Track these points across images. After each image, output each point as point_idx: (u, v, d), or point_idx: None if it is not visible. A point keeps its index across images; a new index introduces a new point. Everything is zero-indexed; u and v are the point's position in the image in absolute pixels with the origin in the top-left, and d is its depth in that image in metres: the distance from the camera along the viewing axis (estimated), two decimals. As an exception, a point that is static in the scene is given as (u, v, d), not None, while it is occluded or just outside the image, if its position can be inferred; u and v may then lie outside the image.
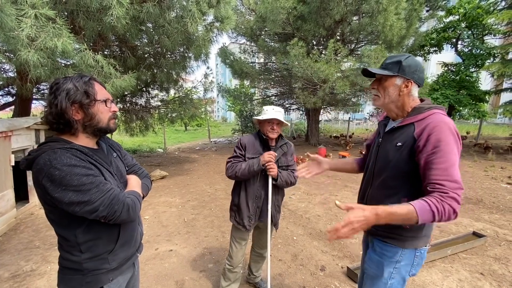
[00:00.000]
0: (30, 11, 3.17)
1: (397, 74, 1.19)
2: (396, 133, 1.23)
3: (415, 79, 1.20)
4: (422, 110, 1.18)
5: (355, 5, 8.56)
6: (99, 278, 1.09)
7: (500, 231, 3.49)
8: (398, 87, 1.21)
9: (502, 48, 9.27)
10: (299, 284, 2.52)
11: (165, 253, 3.12)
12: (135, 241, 1.25)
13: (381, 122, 1.42)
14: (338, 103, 12.39)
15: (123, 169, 1.25)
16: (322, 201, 4.84)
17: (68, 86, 1.02)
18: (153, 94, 8.47)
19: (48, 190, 0.94)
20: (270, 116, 1.92)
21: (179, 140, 18.11)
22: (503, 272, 2.63)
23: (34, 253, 3.12)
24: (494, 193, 5.06)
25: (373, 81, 1.31)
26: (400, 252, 1.23)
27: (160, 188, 6.02)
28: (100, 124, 1.09)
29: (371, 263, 1.34)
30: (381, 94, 1.26)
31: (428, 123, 1.12)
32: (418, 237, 1.22)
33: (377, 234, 1.31)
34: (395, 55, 1.24)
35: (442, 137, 1.06)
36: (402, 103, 1.23)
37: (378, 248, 1.31)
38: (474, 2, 10.86)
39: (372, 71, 1.25)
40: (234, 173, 1.93)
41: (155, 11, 4.42)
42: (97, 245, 1.08)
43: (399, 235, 1.23)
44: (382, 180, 1.27)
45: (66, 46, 3.37)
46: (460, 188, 1.02)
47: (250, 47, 12.82)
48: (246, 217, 2.02)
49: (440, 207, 0.98)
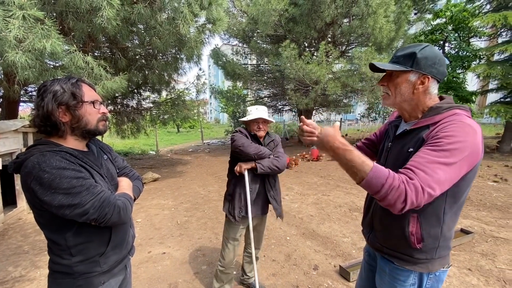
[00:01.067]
0: (18, 12, 3.11)
1: (411, 69, 1.01)
2: (408, 137, 1.05)
3: (434, 74, 1.00)
4: (440, 110, 0.99)
5: (345, 8, 8.70)
6: (90, 281, 1.08)
7: (487, 228, 3.60)
8: (412, 84, 1.02)
9: (487, 50, 9.55)
10: (292, 283, 2.54)
11: (158, 256, 3.09)
12: (127, 244, 1.24)
13: (392, 123, 1.23)
14: (330, 104, 12.52)
15: (113, 171, 1.24)
16: (314, 201, 4.88)
17: (55, 88, 1.01)
18: (145, 96, 8.41)
19: (37, 193, 0.93)
20: (254, 116, 2.00)
21: (171, 142, 17.98)
22: (490, 267, 2.71)
23: (22, 259, 3.05)
24: (481, 191, 5.20)
25: (382, 77, 1.12)
26: (412, 275, 1.07)
27: (153, 190, 5.96)
28: (89, 126, 1.08)
29: (384, 287, 1.18)
30: (392, 92, 1.07)
31: (443, 122, 0.94)
32: (432, 260, 1.04)
33: (382, 251, 1.15)
34: (408, 46, 1.04)
35: (452, 132, 0.88)
36: (417, 102, 1.04)
37: (388, 269, 1.15)
38: (460, 6, 11.19)
39: (380, 67, 1.06)
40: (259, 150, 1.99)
41: (146, 13, 4.40)
42: (88, 248, 1.07)
43: (409, 256, 1.06)
44: None
45: (55, 47, 3.32)
46: (432, 191, 0.84)
47: (242, 48, 12.86)
48: (237, 208, 2.04)
49: (395, 184, 0.84)
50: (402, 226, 1.04)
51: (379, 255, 1.21)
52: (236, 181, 2.08)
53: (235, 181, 2.07)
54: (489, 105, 9.70)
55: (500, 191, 5.13)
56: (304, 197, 5.19)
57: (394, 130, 1.18)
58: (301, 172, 7.36)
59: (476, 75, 9.49)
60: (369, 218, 1.24)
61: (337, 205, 4.62)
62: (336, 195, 5.20)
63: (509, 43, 8.27)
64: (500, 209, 4.24)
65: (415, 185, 0.83)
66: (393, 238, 1.09)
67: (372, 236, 1.22)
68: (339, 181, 6.25)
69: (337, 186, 5.89)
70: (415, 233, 1.02)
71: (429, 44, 1.06)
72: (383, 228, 1.14)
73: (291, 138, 16.52)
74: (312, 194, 5.32)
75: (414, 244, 1.02)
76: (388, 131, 1.24)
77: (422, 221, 1.01)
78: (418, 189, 0.83)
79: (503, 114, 8.49)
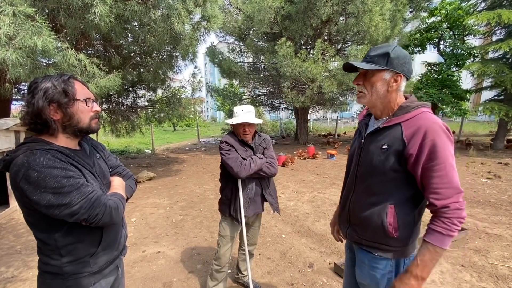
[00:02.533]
0: (8, 9, 3.05)
1: (386, 67, 1.07)
2: (381, 134, 1.12)
3: (405, 72, 1.08)
4: (409, 109, 1.08)
5: (341, 6, 8.70)
6: (80, 282, 1.07)
7: (480, 224, 3.63)
8: (387, 82, 1.08)
9: (482, 48, 9.62)
10: (287, 281, 2.55)
11: (152, 255, 3.08)
12: (119, 244, 1.22)
13: (362, 122, 1.30)
14: (326, 102, 12.55)
15: (106, 170, 1.22)
16: (310, 199, 4.89)
17: (46, 85, 0.99)
18: (140, 94, 8.32)
19: (26, 192, 0.91)
20: (240, 120, 1.92)
21: (167, 140, 17.87)
22: (483, 263, 2.74)
23: (15, 259, 3.01)
24: (474, 188, 5.25)
25: (357, 77, 1.16)
26: (389, 263, 1.16)
27: (148, 189, 5.93)
28: (81, 124, 1.06)
29: (364, 277, 1.24)
30: (368, 91, 1.12)
31: (418, 126, 1.03)
32: (407, 246, 1.14)
33: (361, 244, 1.22)
34: (380, 46, 1.11)
35: (437, 141, 0.99)
36: (390, 99, 1.11)
37: (366, 260, 1.21)
38: (455, 4, 11.24)
39: (356, 66, 1.11)
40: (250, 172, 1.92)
41: (140, 10, 4.34)
42: (78, 248, 1.05)
43: (387, 245, 1.14)
44: (366, 186, 1.17)
45: (46, 44, 3.26)
46: (459, 192, 1.00)
47: (238, 46, 12.79)
48: (239, 209, 2.02)
49: (450, 225, 0.99)
50: (381, 218, 1.11)
51: (358, 248, 1.27)
52: (233, 185, 2.04)
53: (232, 184, 2.05)
54: (483, 103, 9.80)
55: (493, 188, 5.19)
56: (300, 195, 5.19)
57: (365, 128, 1.24)
58: (297, 170, 7.38)
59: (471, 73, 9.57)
60: (346, 213, 1.30)
61: (333, 203, 4.63)
62: (332, 193, 5.22)
63: (503, 41, 8.34)
64: (493, 206, 4.29)
65: (453, 208, 0.99)
66: (371, 230, 1.16)
67: (350, 230, 1.27)
68: (334, 179, 6.27)
69: (332, 184, 5.91)
70: (392, 223, 1.10)
71: (397, 44, 1.14)
72: (361, 221, 1.20)
73: (288, 136, 16.53)
74: (308, 192, 5.33)
75: (392, 234, 1.10)
76: (360, 129, 1.30)
77: (398, 212, 1.10)
78: (457, 206, 0.99)
79: (496, 112, 8.58)
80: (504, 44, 7.90)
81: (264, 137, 2.17)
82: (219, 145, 2.03)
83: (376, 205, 1.13)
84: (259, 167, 1.97)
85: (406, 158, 1.04)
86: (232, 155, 1.94)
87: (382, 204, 1.11)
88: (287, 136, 16.54)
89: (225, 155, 1.95)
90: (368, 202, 1.16)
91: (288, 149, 10.74)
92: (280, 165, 7.83)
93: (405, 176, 1.07)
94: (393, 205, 1.09)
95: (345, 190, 1.34)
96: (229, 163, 1.90)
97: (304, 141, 12.61)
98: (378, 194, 1.13)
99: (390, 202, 1.09)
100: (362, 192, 1.19)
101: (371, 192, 1.15)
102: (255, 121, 1.96)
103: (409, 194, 1.09)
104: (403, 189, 1.09)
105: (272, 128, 19.60)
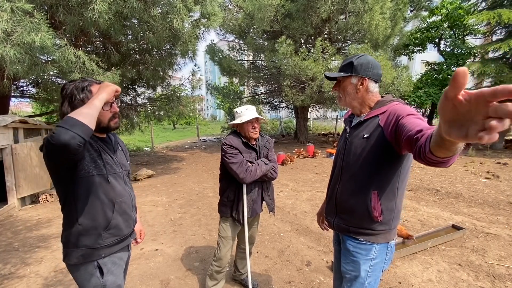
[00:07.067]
0: (6, 5, 3.04)
1: (351, 74, 1.27)
2: (362, 126, 1.28)
3: (369, 76, 1.26)
4: (384, 103, 1.25)
5: (341, 4, 8.66)
6: (91, 253, 1.19)
7: (478, 224, 3.64)
8: (355, 85, 1.29)
9: (482, 48, 9.61)
10: (284, 279, 2.55)
11: (150, 253, 3.08)
12: (129, 224, 1.35)
13: (346, 120, 1.47)
14: (326, 101, 12.47)
15: (125, 161, 1.41)
16: (309, 198, 4.89)
17: (68, 93, 1.16)
18: (139, 92, 8.31)
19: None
20: (249, 117, 1.92)
21: (167, 138, 17.88)
22: (480, 263, 2.74)
23: (12, 256, 3.01)
24: (473, 188, 5.26)
25: (334, 84, 1.39)
26: (374, 248, 1.26)
27: (147, 187, 5.93)
28: (102, 124, 1.22)
29: (347, 265, 1.33)
30: (342, 94, 1.34)
31: (389, 111, 1.19)
32: (389, 230, 1.25)
33: (348, 231, 1.32)
34: (348, 58, 1.33)
35: (402, 112, 1.12)
36: (362, 99, 1.30)
37: (351, 247, 1.31)
38: (455, 3, 11.21)
39: (331, 76, 1.35)
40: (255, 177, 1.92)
41: (139, 7, 4.32)
42: (94, 219, 1.19)
43: (372, 229, 1.25)
44: (351, 175, 1.29)
45: (44, 41, 3.25)
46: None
47: (238, 44, 12.76)
48: (241, 211, 2.02)
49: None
50: (366, 204, 1.23)
51: (344, 237, 1.37)
52: (236, 187, 2.03)
53: (235, 187, 2.03)
54: (483, 102, 9.76)
55: (491, 188, 5.19)
56: (299, 193, 5.20)
57: (350, 124, 1.41)
58: (297, 169, 7.38)
59: (471, 73, 9.56)
60: (333, 203, 1.41)
61: (331, 202, 4.63)
62: (331, 192, 5.22)
63: (503, 41, 8.32)
64: (491, 205, 4.29)
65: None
66: (358, 216, 1.27)
67: (337, 220, 1.38)
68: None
69: (331, 182, 5.91)
70: (376, 207, 1.21)
71: (365, 54, 1.34)
72: (348, 209, 1.31)
73: (287, 135, 16.52)
74: (306, 191, 5.34)
75: (376, 218, 1.22)
76: (345, 126, 1.47)
77: (381, 197, 1.21)
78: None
79: (496, 111, 8.56)
80: (504, 44, 7.89)
81: (267, 138, 2.17)
82: (221, 146, 1.99)
83: (361, 192, 1.25)
84: (265, 173, 1.97)
85: (384, 136, 1.15)
86: (237, 159, 1.90)
87: (367, 191, 1.23)
88: (287, 135, 16.53)
89: (229, 158, 1.90)
90: (353, 189, 1.28)
91: (287, 148, 10.74)
92: (280, 163, 7.83)
93: (386, 163, 1.18)
94: (376, 191, 1.21)
95: (332, 181, 1.46)
96: (234, 168, 1.87)
97: (304, 140, 12.61)
98: (362, 182, 1.24)
99: (373, 189, 1.21)
100: (347, 181, 1.31)
101: (355, 180, 1.27)
102: (262, 116, 2.00)
103: (390, 181, 1.20)
104: (385, 176, 1.20)
105: (272, 127, 19.58)
